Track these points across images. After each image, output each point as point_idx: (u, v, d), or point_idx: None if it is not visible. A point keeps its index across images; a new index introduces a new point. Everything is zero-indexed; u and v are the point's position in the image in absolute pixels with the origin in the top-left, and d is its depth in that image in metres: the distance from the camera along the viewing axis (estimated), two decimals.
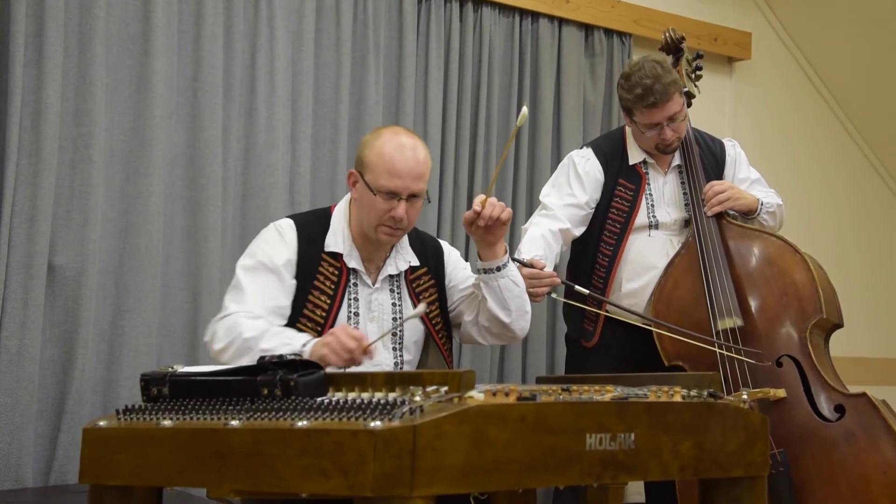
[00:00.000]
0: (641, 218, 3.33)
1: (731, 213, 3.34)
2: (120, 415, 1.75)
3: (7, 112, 3.10)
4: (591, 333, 3.34)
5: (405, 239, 2.71)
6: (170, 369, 1.83)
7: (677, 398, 1.85)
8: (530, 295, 3.02)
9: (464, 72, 4.09)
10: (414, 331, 2.68)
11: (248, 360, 2.28)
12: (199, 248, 3.45)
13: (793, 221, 3.51)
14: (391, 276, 2.68)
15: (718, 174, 3.45)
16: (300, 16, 3.72)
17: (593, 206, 3.35)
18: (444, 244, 2.85)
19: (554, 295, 3.13)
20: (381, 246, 2.66)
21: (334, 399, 1.61)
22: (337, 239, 2.64)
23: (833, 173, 5.27)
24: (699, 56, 3.62)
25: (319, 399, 1.64)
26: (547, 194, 3.38)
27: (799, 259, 3.18)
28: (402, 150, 2.56)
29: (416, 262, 2.71)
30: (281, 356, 1.76)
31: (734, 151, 3.52)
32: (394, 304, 2.67)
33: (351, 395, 1.67)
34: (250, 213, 3.58)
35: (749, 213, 3.33)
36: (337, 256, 2.63)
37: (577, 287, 3.12)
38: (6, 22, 3.12)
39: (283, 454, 1.51)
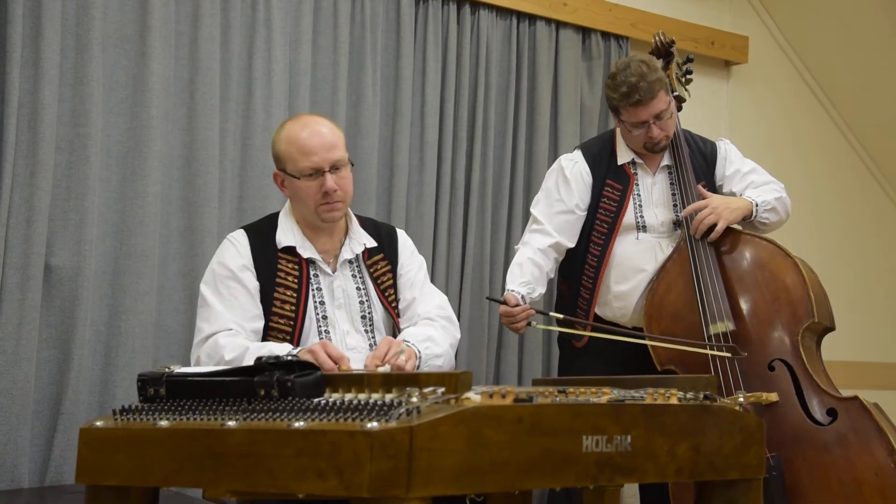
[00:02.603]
0: (629, 218, 3.35)
1: None
2: (116, 415, 1.75)
3: (4, 113, 3.11)
4: (581, 335, 3.36)
5: (356, 224, 2.77)
6: (166, 370, 1.84)
7: (673, 400, 1.86)
8: (510, 330, 3.23)
9: (461, 74, 4.10)
10: (379, 310, 2.73)
11: None
12: (195, 249, 3.45)
13: (789, 223, 3.51)
14: (350, 262, 2.73)
15: (709, 174, 3.45)
16: (297, 17, 3.72)
17: (584, 208, 3.37)
18: (400, 232, 2.88)
19: (534, 323, 3.20)
20: (332, 231, 2.72)
21: (331, 400, 1.61)
22: (287, 234, 2.70)
23: (829, 176, 5.27)
24: (689, 59, 3.62)
25: (316, 400, 1.64)
26: (536, 202, 3.42)
27: (790, 263, 3.18)
28: (308, 128, 2.65)
29: (371, 244, 2.76)
30: (278, 357, 1.76)
31: (725, 149, 3.51)
32: (358, 289, 2.72)
33: (348, 396, 1.67)
34: (247, 214, 3.58)
35: (745, 219, 3.33)
36: (292, 250, 2.69)
37: (551, 313, 3.33)
38: (3, 23, 3.13)
39: (280, 455, 1.51)
